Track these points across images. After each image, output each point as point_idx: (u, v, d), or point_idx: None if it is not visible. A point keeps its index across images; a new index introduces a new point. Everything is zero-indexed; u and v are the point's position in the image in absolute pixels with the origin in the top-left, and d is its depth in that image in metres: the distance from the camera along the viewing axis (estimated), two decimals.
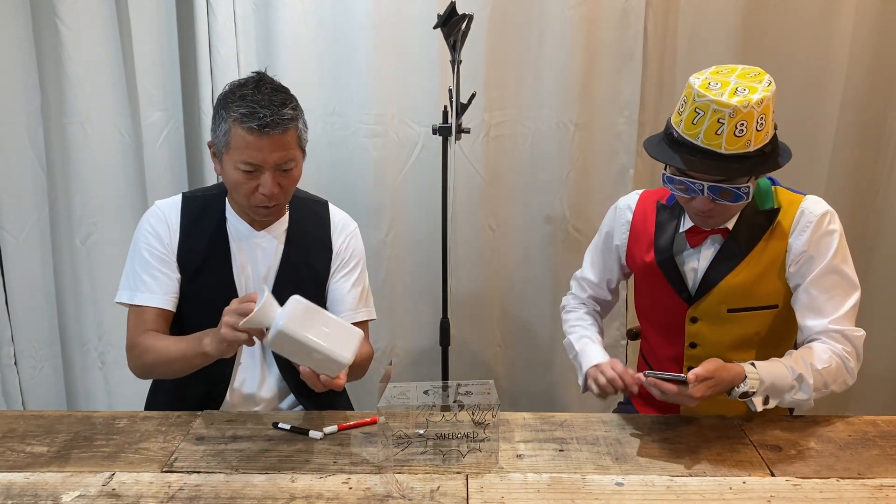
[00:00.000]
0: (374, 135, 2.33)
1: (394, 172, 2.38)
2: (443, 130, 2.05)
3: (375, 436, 1.44)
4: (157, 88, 2.29)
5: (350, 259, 1.70)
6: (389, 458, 1.35)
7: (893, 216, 2.44)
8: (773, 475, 1.32)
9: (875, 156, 2.41)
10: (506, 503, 1.24)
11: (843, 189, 2.40)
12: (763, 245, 1.54)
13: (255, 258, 1.63)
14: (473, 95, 2.04)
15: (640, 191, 1.72)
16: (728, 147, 1.39)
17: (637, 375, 1.43)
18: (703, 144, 1.40)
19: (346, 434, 1.46)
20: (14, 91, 2.29)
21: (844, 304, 1.51)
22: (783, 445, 1.42)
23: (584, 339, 1.67)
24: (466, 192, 2.39)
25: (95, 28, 2.24)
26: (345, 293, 1.68)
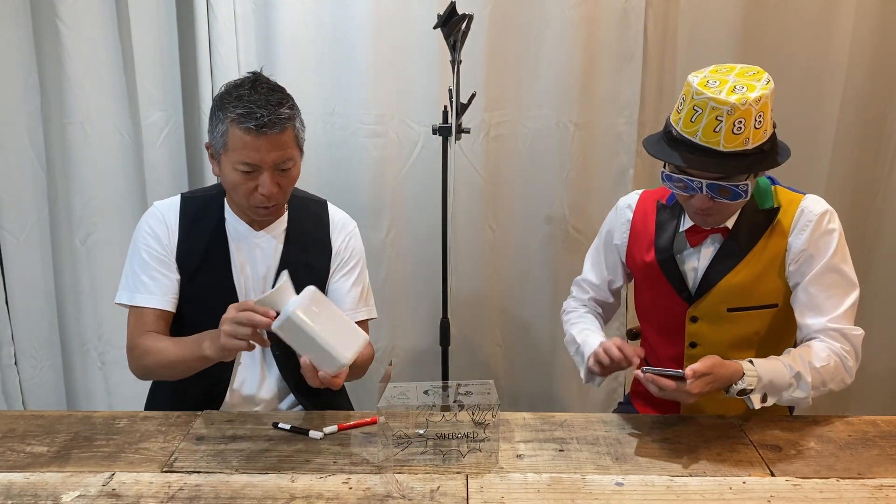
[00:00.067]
0: (374, 135, 2.33)
1: (394, 172, 2.38)
2: (443, 130, 2.05)
3: (375, 436, 1.44)
4: (157, 88, 2.29)
5: (350, 259, 1.70)
6: (389, 458, 1.35)
7: (893, 216, 2.44)
8: (773, 475, 1.32)
9: (875, 156, 2.41)
10: (506, 503, 1.24)
11: (843, 189, 2.40)
12: (763, 244, 1.54)
13: (255, 258, 1.63)
14: (473, 95, 2.04)
15: (640, 190, 1.72)
16: (726, 145, 1.39)
17: (635, 372, 1.43)
18: (702, 142, 1.40)
19: (346, 434, 1.46)
20: (14, 91, 2.30)
21: (843, 303, 1.51)
22: (783, 445, 1.42)
23: (586, 332, 1.66)
24: (466, 192, 2.39)
25: (95, 28, 2.24)
26: (345, 293, 1.67)
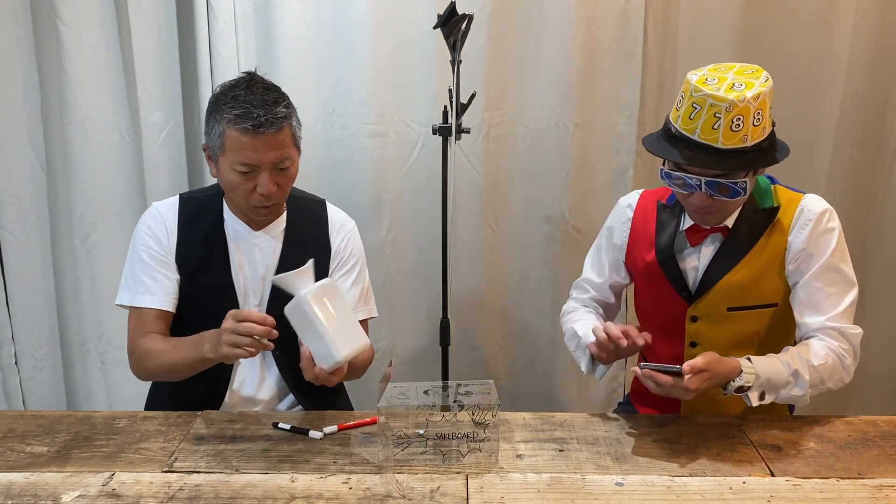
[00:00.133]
0: (374, 135, 2.33)
1: (394, 172, 2.38)
2: (443, 130, 2.05)
3: (375, 436, 1.44)
4: (157, 88, 2.28)
5: (349, 258, 1.70)
6: (389, 458, 1.35)
7: (893, 216, 2.44)
8: (773, 475, 1.32)
9: (875, 156, 2.40)
10: (506, 503, 1.24)
11: (843, 189, 2.40)
12: (763, 243, 1.54)
13: (254, 258, 1.63)
14: (473, 95, 2.04)
15: (640, 190, 1.72)
16: (725, 142, 1.39)
17: (633, 368, 1.43)
18: (700, 139, 1.40)
19: (346, 434, 1.46)
20: (14, 91, 2.29)
21: (842, 302, 1.51)
22: (783, 445, 1.42)
23: (588, 326, 1.63)
24: (466, 192, 2.39)
25: (95, 28, 2.24)
26: (344, 292, 1.67)
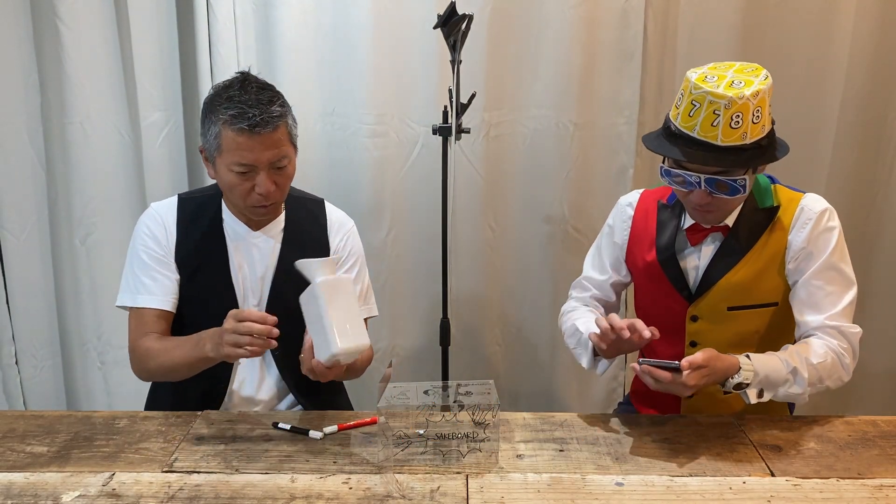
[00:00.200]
0: (374, 135, 2.33)
1: (394, 172, 2.38)
2: (443, 130, 2.05)
3: (375, 436, 1.44)
4: (157, 88, 2.28)
5: (348, 258, 1.70)
6: (389, 458, 1.35)
7: (893, 216, 2.44)
8: (773, 475, 1.32)
9: (875, 156, 2.40)
10: (506, 503, 1.24)
11: (843, 189, 2.40)
12: (763, 242, 1.54)
13: (252, 258, 1.63)
14: (473, 95, 2.04)
15: (641, 189, 1.72)
16: (724, 139, 1.39)
17: (632, 364, 1.43)
18: (700, 136, 1.40)
19: (346, 434, 1.46)
20: (14, 91, 2.29)
21: (842, 301, 1.51)
22: (783, 445, 1.42)
23: (589, 323, 1.62)
24: (466, 192, 2.39)
25: (95, 28, 2.24)
26: None
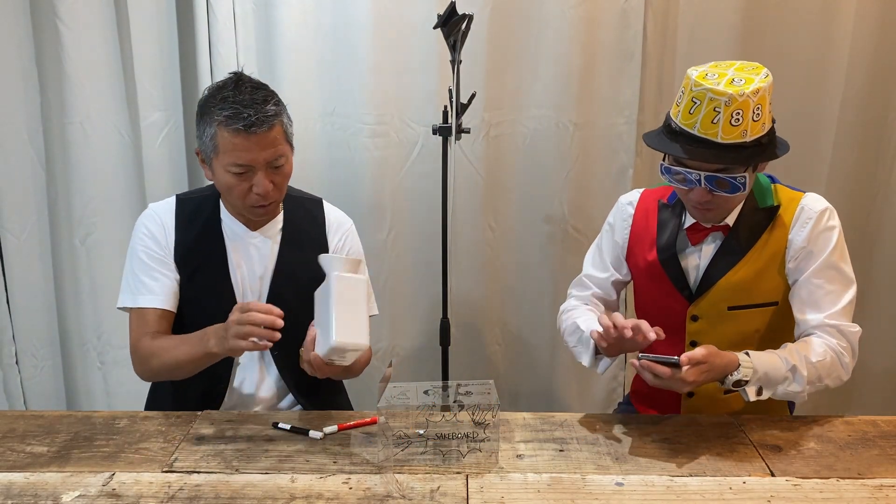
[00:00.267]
0: (374, 135, 2.33)
1: (394, 172, 2.38)
2: (443, 130, 2.05)
3: (375, 436, 1.44)
4: (157, 89, 2.28)
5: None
6: (389, 458, 1.35)
7: (893, 216, 2.44)
8: (773, 475, 1.32)
9: (875, 156, 2.40)
10: (506, 503, 1.24)
11: (843, 189, 2.40)
12: (763, 241, 1.55)
13: (251, 258, 1.63)
14: (473, 95, 2.04)
15: (641, 189, 1.72)
16: (724, 136, 1.39)
17: (632, 360, 1.43)
18: (700, 133, 1.40)
19: (346, 434, 1.46)
20: (14, 91, 2.29)
21: (841, 300, 1.51)
22: (783, 445, 1.42)
23: (591, 321, 1.61)
24: (466, 192, 2.39)
25: (95, 28, 2.24)
26: None
